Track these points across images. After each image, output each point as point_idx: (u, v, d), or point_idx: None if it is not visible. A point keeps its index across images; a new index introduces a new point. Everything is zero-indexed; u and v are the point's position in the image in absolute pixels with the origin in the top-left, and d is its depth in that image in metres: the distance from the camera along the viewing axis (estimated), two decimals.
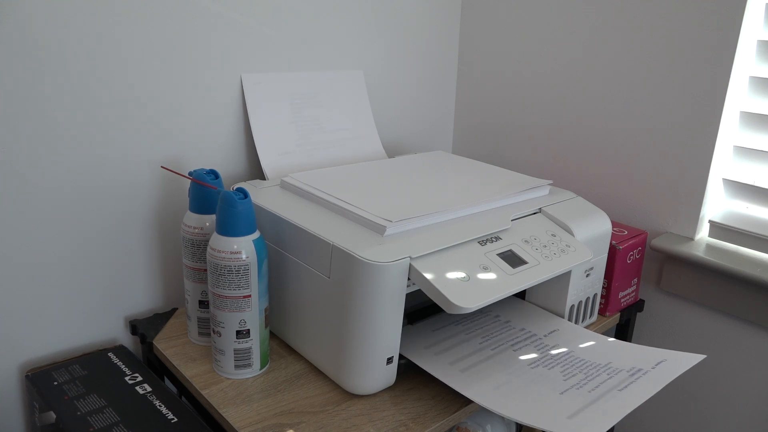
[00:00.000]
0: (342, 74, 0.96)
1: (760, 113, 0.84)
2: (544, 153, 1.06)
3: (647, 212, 0.93)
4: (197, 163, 0.84)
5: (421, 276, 0.59)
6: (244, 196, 0.63)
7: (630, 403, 0.59)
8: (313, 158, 0.90)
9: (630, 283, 0.87)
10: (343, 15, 0.95)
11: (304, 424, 0.61)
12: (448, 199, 0.71)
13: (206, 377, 0.68)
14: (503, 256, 0.66)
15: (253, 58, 0.86)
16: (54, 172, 0.72)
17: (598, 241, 0.77)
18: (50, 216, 0.73)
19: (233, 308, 0.64)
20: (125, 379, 0.71)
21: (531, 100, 1.05)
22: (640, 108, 0.91)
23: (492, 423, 0.79)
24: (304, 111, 0.91)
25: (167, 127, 0.80)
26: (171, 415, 0.65)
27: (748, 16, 0.79)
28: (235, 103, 0.85)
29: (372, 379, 0.64)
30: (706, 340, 0.90)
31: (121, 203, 0.78)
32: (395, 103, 1.07)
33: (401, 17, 1.03)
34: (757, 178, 0.86)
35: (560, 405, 0.59)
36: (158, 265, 0.83)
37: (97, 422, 0.63)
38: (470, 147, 1.17)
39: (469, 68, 1.14)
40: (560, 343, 0.72)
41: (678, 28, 0.85)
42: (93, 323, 0.79)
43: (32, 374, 0.71)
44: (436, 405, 0.64)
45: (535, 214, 0.75)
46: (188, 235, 0.71)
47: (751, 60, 0.84)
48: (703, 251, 0.85)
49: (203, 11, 0.79)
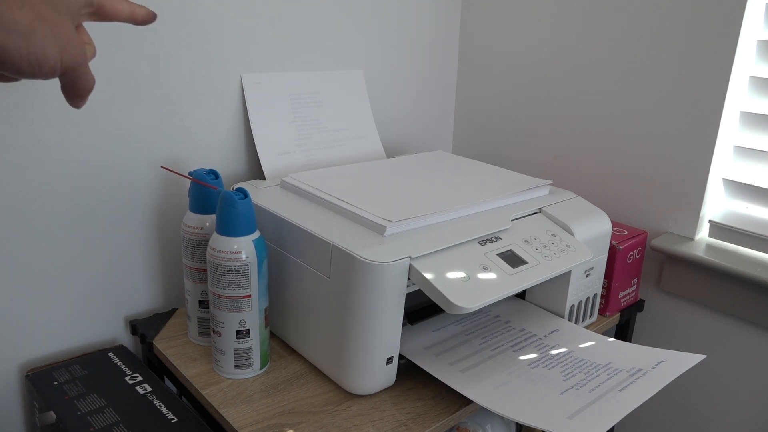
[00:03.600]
0: (342, 74, 0.96)
1: (760, 113, 0.84)
2: (544, 153, 1.06)
3: (647, 212, 0.93)
4: (197, 163, 0.84)
5: (421, 276, 0.59)
6: (244, 196, 0.63)
7: (630, 403, 0.59)
8: (313, 158, 0.90)
9: (630, 283, 0.87)
10: (343, 15, 0.95)
11: (304, 424, 0.61)
12: (448, 199, 0.71)
13: (206, 377, 0.68)
14: (503, 256, 0.66)
15: (253, 58, 0.86)
16: (54, 172, 0.72)
17: (598, 241, 0.77)
18: (51, 216, 0.73)
19: (233, 308, 0.64)
20: (125, 379, 0.71)
21: (531, 100, 1.05)
22: (640, 108, 0.91)
23: (492, 423, 0.79)
24: (304, 111, 0.91)
25: (167, 127, 0.80)
26: (171, 415, 0.65)
27: (748, 16, 0.79)
28: (235, 103, 0.85)
29: (372, 379, 0.64)
30: (706, 340, 0.90)
31: (122, 203, 0.78)
32: (395, 103, 1.07)
33: (401, 17, 1.03)
34: (757, 178, 0.86)
35: (560, 405, 0.59)
36: (158, 265, 0.83)
37: (97, 422, 0.63)
38: (470, 147, 1.17)
39: (469, 68, 1.14)
40: (560, 343, 0.72)
41: (678, 28, 0.85)
42: (93, 323, 0.79)
43: (32, 374, 0.71)
44: (436, 405, 0.64)
45: (535, 214, 0.75)
46: (188, 235, 0.71)
47: (751, 60, 0.84)
48: (703, 251, 0.85)
49: (204, 11, 0.79)
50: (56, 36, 0.37)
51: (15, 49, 0.35)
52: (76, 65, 0.39)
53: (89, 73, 0.41)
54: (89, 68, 0.41)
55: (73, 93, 0.41)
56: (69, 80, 0.40)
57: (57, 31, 0.37)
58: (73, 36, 0.39)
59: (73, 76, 0.39)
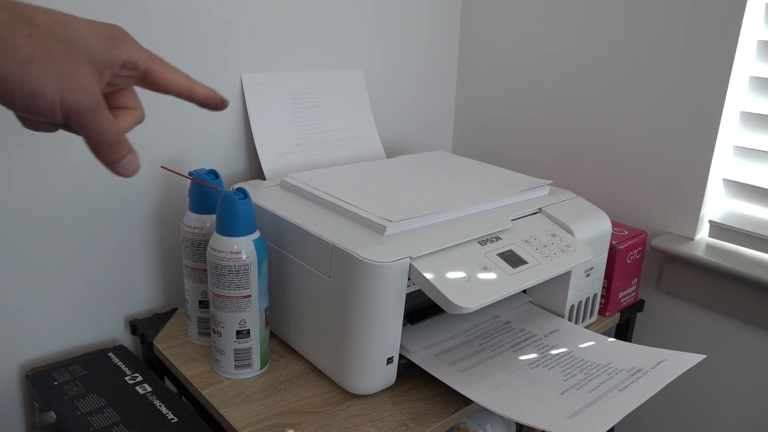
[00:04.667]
0: (342, 74, 0.96)
1: (760, 113, 0.84)
2: (544, 153, 1.06)
3: (647, 212, 0.93)
4: (197, 163, 0.84)
5: (421, 276, 0.59)
6: (244, 196, 0.63)
7: (630, 403, 0.59)
8: (313, 158, 0.90)
9: (630, 283, 0.87)
10: (343, 15, 0.95)
11: (304, 424, 0.61)
12: (448, 199, 0.71)
13: (206, 377, 0.68)
14: (503, 256, 0.66)
15: (253, 58, 0.86)
16: (54, 172, 0.72)
17: (598, 241, 0.77)
18: (50, 216, 0.73)
19: (233, 308, 0.64)
20: (125, 379, 0.71)
21: (531, 100, 1.05)
22: (641, 108, 0.91)
23: (492, 423, 0.79)
24: (304, 111, 0.91)
25: (167, 127, 0.80)
26: (171, 415, 0.65)
27: (748, 16, 0.79)
28: (235, 103, 0.85)
29: (372, 379, 0.64)
30: (706, 340, 0.90)
31: (121, 203, 0.78)
32: (395, 103, 1.07)
33: (401, 17, 1.03)
34: (757, 178, 0.86)
35: (560, 405, 0.59)
36: (158, 265, 0.83)
37: (98, 422, 0.63)
38: (470, 147, 1.17)
39: (469, 68, 1.14)
40: (560, 343, 0.72)
41: (678, 28, 0.85)
42: (93, 323, 0.79)
43: (32, 374, 0.71)
44: (436, 405, 0.64)
45: (535, 214, 0.75)
46: (188, 235, 0.71)
47: (751, 60, 0.84)
48: (703, 251, 0.85)
49: (203, 11, 0.79)
50: (59, 73, 0.35)
51: (7, 74, 0.33)
52: (83, 109, 0.36)
53: (108, 124, 0.37)
54: (109, 119, 0.38)
55: (93, 146, 0.38)
56: (78, 127, 0.37)
57: (62, 69, 0.35)
58: (83, 78, 0.36)
59: (81, 122, 0.36)
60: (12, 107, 0.35)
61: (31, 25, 0.34)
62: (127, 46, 0.39)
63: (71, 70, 0.36)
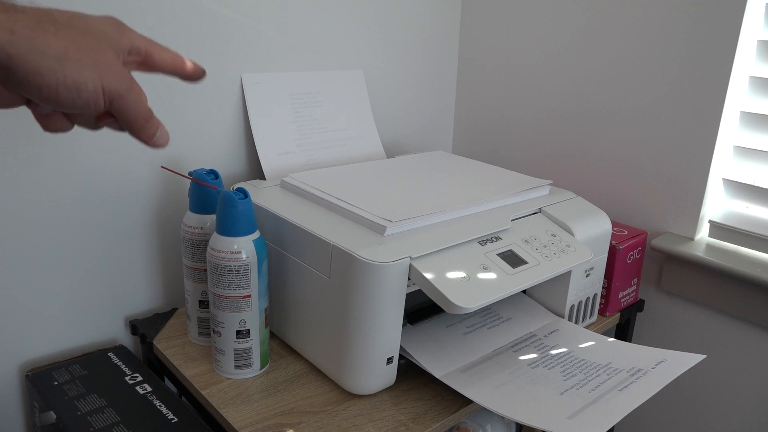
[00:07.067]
0: (342, 74, 0.96)
1: (760, 113, 0.84)
2: (544, 153, 1.06)
3: (647, 212, 0.93)
4: (197, 163, 0.84)
5: (421, 276, 0.59)
6: (244, 196, 0.63)
7: (630, 403, 0.59)
8: (313, 158, 0.90)
9: (630, 283, 0.87)
10: (343, 15, 0.95)
11: (304, 424, 0.61)
12: (448, 199, 0.71)
13: (206, 377, 0.68)
14: (503, 256, 0.66)
15: (253, 58, 0.86)
16: (54, 172, 0.72)
17: (598, 241, 0.77)
18: (50, 216, 0.73)
19: (233, 308, 0.64)
20: (125, 379, 0.71)
21: (531, 100, 1.05)
22: (641, 108, 0.91)
23: (492, 423, 0.79)
24: (304, 111, 0.91)
25: (167, 127, 0.79)
26: (171, 415, 0.65)
27: (748, 16, 0.79)
28: (235, 103, 0.85)
29: (372, 379, 0.64)
30: (706, 340, 0.90)
31: (121, 203, 0.78)
32: (395, 103, 1.07)
33: (401, 17, 1.03)
34: (757, 178, 0.86)
35: (560, 405, 0.59)
36: (158, 265, 0.83)
37: (98, 422, 0.63)
38: (470, 147, 1.17)
39: (469, 68, 1.14)
40: (560, 343, 0.72)
41: (678, 28, 0.85)
42: (93, 323, 0.79)
43: (32, 374, 0.71)
44: (436, 405, 0.64)
45: (535, 214, 0.75)
46: (188, 235, 0.71)
47: (751, 60, 0.84)
48: (703, 251, 0.85)
49: (203, 11, 0.79)
50: (94, 62, 0.37)
51: (50, 72, 0.35)
52: (123, 91, 0.38)
53: (143, 102, 0.40)
54: (142, 95, 0.40)
55: (133, 124, 0.40)
56: (120, 111, 0.39)
57: (95, 58, 0.37)
58: (114, 63, 0.38)
59: (123, 105, 0.39)
60: (57, 104, 0.36)
61: (55, 22, 0.36)
62: (130, 33, 0.42)
63: (102, 57, 0.37)
